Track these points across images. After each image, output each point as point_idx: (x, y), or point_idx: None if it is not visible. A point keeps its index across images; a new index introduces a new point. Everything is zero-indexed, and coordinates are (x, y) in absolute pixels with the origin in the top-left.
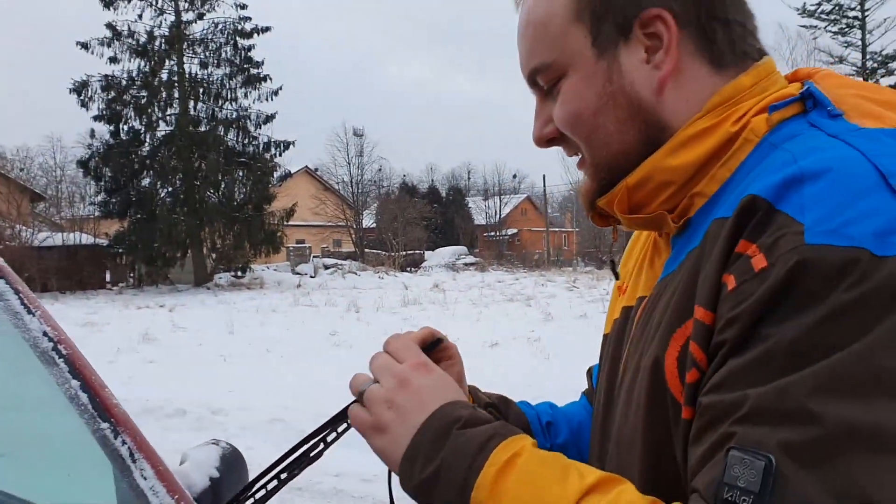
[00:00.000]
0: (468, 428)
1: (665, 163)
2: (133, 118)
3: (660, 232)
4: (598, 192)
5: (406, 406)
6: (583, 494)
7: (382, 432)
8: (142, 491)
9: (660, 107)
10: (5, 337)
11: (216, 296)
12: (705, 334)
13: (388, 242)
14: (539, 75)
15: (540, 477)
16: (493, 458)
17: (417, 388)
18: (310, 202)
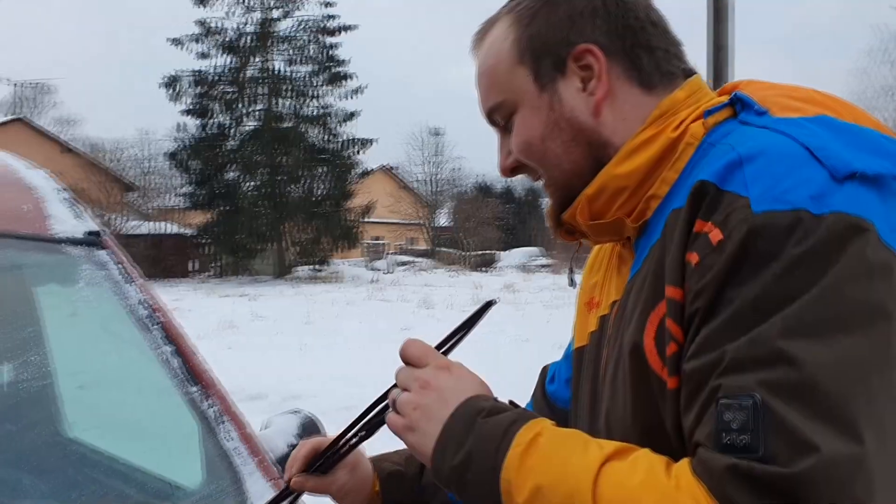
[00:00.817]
0: (491, 416)
1: (617, 171)
2: (220, 113)
3: (622, 242)
4: (560, 208)
5: (431, 405)
6: (604, 461)
7: (413, 431)
8: (226, 452)
9: (599, 128)
10: (107, 303)
11: (294, 287)
12: (678, 309)
13: (461, 241)
14: (495, 114)
15: (562, 450)
16: (517, 440)
17: (439, 387)
18: (386, 200)
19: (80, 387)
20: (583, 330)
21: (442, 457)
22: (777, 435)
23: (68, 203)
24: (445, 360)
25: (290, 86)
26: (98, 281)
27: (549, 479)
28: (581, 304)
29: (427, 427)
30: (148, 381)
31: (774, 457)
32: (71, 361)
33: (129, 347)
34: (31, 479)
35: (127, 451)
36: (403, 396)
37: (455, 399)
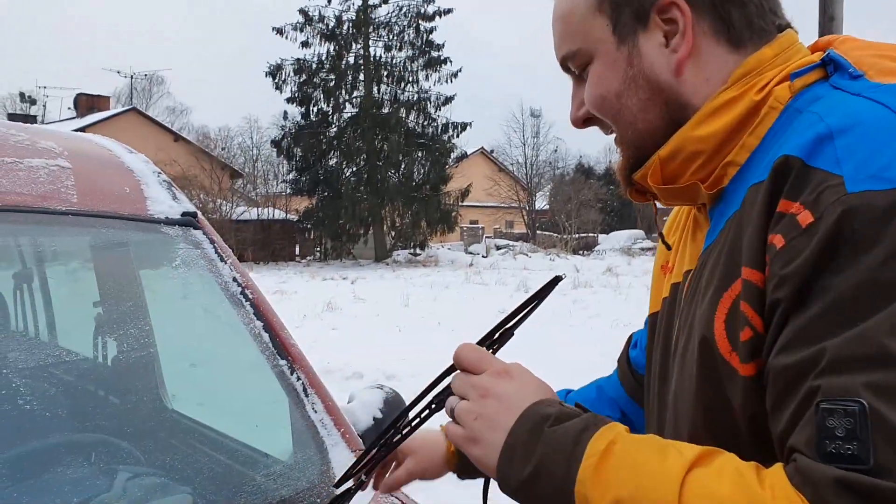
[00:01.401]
0: (559, 424)
1: (694, 133)
2: (321, 100)
3: (698, 207)
4: (631, 168)
5: (492, 414)
6: (687, 470)
7: (476, 442)
8: (312, 423)
9: (680, 87)
10: (202, 280)
11: (394, 271)
12: (756, 294)
13: (560, 225)
14: (569, 62)
15: (640, 460)
16: (590, 449)
17: (499, 394)
18: (484, 183)
19: (179, 360)
20: (657, 295)
21: (509, 468)
22: (890, 445)
23: (166, 185)
24: (503, 365)
25: (387, 71)
26: (194, 259)
27: (629, 491)
28: (657, 267)
29: (490, 437)
30: (241, 355)
31: (887, 471)
32: (170, 336)
33: (222, 322)
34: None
35: (222, 421)
36: (462, 405)
37: (518, 406)
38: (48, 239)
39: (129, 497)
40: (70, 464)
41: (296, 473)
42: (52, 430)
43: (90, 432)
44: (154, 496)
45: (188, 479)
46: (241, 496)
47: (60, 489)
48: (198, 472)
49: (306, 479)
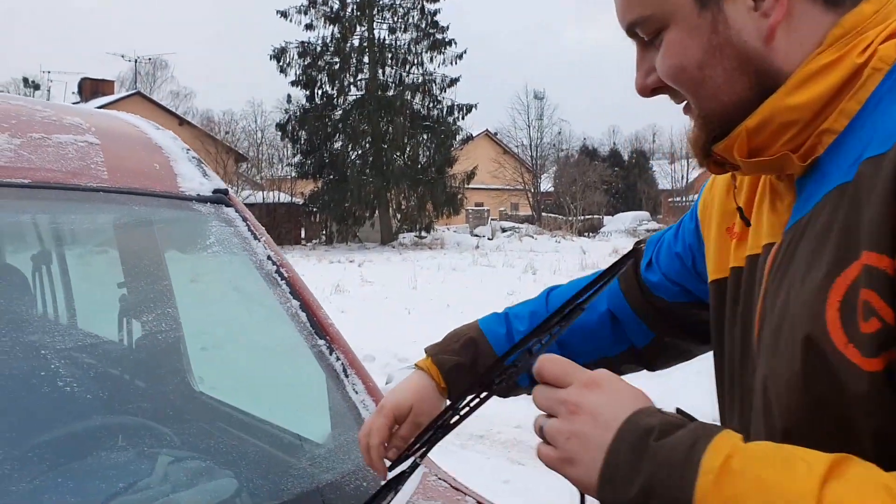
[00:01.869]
0: (664, 437)
1: (786, 102)
2: (326, 83)
3: (779, 175)
4: (710, 138)
5: (586, 432)
6: (822, 486)
7: (572, 463)
8: (353, 404)
9: (770, 54)
10: (236, 258)
11: (400, 254)
12: (886, 283)
13: (565, 206)
14: (638, 27)
15: (764, 475)
16: (704, 465)
17: (592, 409)
18: (489, 165)
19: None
20: (722, 260)
21: (611, 489)
22: None
23: (195, 162)
24: (591, 375)
25: (392, 54)
26: (227, 237)
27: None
28: (713, 225)
29: (587, 457)
30: (277, 336)
31: None
32: (203, 316)
33: (258, 302)
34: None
35: (257, 404)
36: (552, 424)
37: (614, 420)
38: (79, 216)
39: (174, 481)
40: (109, 447)
41: (339, 456)
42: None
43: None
44: (198, 480)
45: (230, 463)
46: (286, 480)
47: (104, 473)
48: (242, 456)
49: (351, 461)
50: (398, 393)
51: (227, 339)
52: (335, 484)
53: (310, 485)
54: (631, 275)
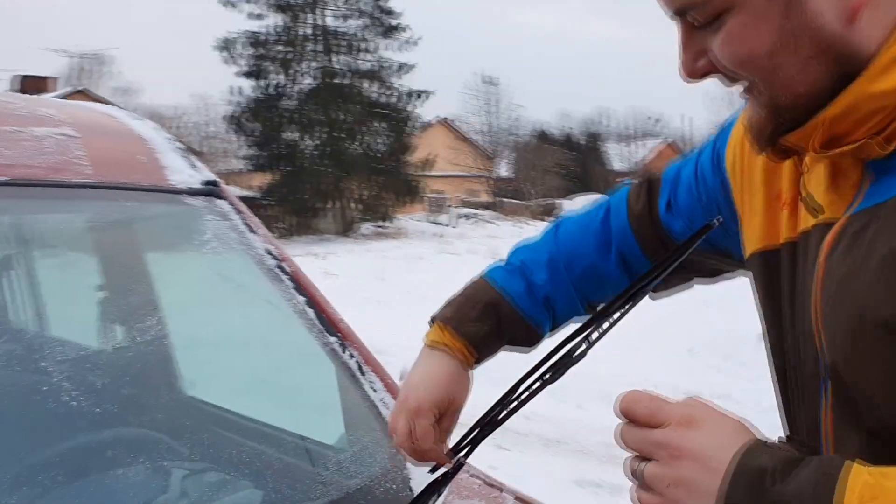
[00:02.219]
0: (785, 478)
1: (871, 89)
2: (276, 73)
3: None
4: (777, 127)
5: (692, 478)
6: None
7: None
8: (373, 403)
9: (851, 37)
10: (234, 254)
11: (362, 245)
12: None
13: (524, 191)
14: (692, 11)
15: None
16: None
17: (694, 452)
18: (446, 152)
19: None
20: (771, 230)
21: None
22: None
23: (181, 153)
24: (686, 412)
25: (343, 41)
26: (223, 231)
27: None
28: (757, 190)
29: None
30: (284, 334)
31: None
32: (204, 315)
33: (262, 300)
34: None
35: (268, 406)
36: (652, 472)
37: (720, 461)
38: (64, 215)
39: (194, 496)
40: (109, 463)
41: (365, 459)
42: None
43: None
44: (220, 494)
45: (248, 473)
46: (314, 487)
47: (114, 493)
48: (257, 465)
49: (377, 464)
50: (431, 385)
51: (228, 341)
52: (364, 490)
53: (339, 492)
54: (645, 214)
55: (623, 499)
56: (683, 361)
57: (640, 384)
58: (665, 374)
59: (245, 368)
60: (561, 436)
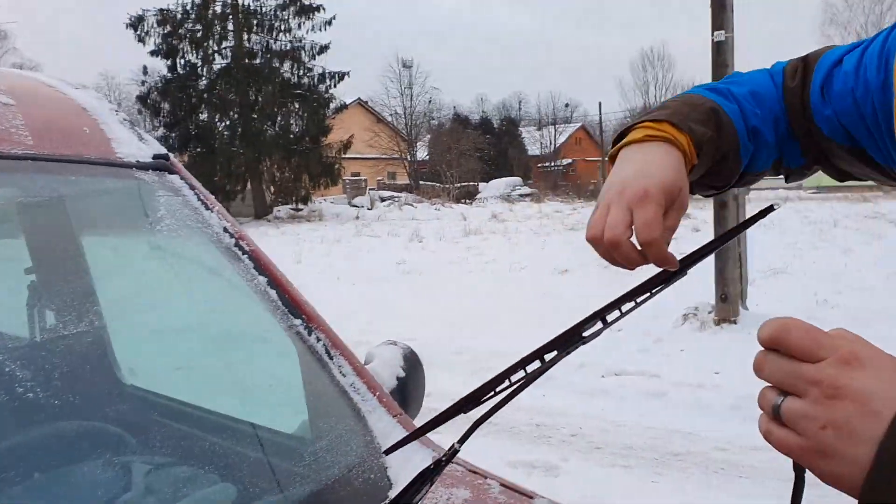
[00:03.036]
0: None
1: None
2: (189, 52)
3: None
4: None
5: (850, 421)
6: None
7: (826, 457)
8: (343, 388)
9: None
10: (190, 232)
11: (277, 228)
12: None
13: (442, 174)
14: None
15: None
16: None
17: (856, 394)
18: (364, 135)
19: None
20: None
21: (886, 491)
22: None
23: (128, 125)
24: (851, 349)
25: (258, 20)
26: (176, 208)
27: None
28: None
29: (850, 452)
30: (246, 317)
31: None
32: (157, 297)
33: (219, 279)
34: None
35: (229, 395)
36: (797, 408)
37: (886, 407)
38: (4, 189)
39: (160, 494)
40: (57, 459)
41: (340, 448)
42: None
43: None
44: (189, 490)
45: (215, 467)
46: (289, 479)
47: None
48: (229, 460)
49: (353, 453)
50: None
51: (183, 325)
52: (342, 481)
53: (313, 484)
54: (797, 94)
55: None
56: (608, 339)
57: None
58: (594, 352)
59: (201, 354)
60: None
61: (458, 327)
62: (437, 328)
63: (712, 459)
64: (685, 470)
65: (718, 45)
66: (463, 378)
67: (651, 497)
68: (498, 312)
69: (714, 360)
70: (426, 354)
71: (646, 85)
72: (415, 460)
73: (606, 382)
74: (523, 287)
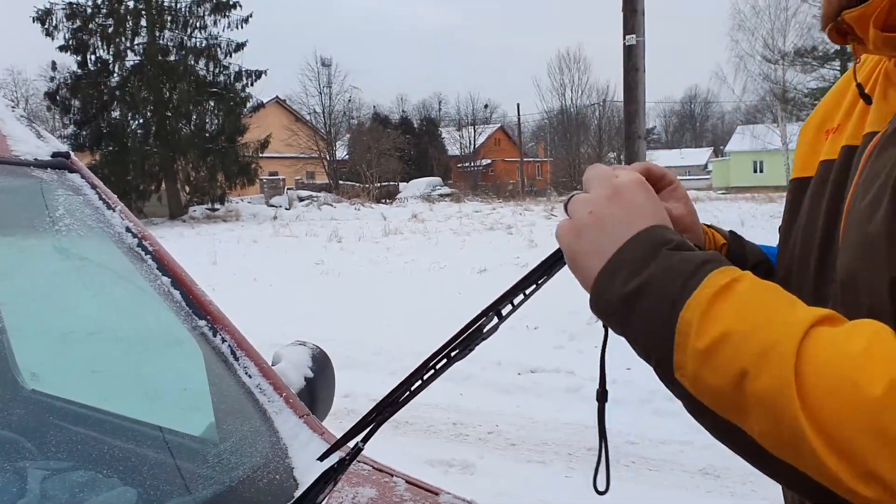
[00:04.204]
0: (680, 250)
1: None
2: (100, 47)
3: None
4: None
5: (611, 216)
6: (815, 322)
7: (580, 237)
8: (249, 389)
9: None
10: (90, 232)
11: (193, 228)
12: None
13: (362, 174)
14: None
15: (763, 302)
16: (708, 280)
17: (628, 201)
18: (282, 133)
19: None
20: (811, 157)
21: (610, 281)
22: None
23: (25, 122)
24: (643, 180)
25: (172, 16)
26: (76, 207)
27: (742, 326)
28: (810, 128)
29: (598, 239)
30: (148, 318)
31: None
32: (56, 300)
33: (122, 280)
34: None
35: (136, 399)
36: (580, 197)
37: (643, 220)
38: None
39: (56, 500)
40: None
41: (245, 449)
42: None
43: None
44: (88, 494)
45: (115, 470)
46: (193, 481)
47: None
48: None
49: (258, 454)
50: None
51: (84, 328)
52: (247, 482)
53: (217, 486)
54: None
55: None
56: (525, 337)
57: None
58: (511, 349)
59: (105, 357)
60: (409, 416)
61: (376, 327)
62: (356, 329)
63: (623, 453)
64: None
65: (630, 49)
66: (382, 377)
67: (564, 491)
68: (417, 311)
69: (625, 356)
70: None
71: (562, 87)
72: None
73: (522, 380)
74: (443, 286)
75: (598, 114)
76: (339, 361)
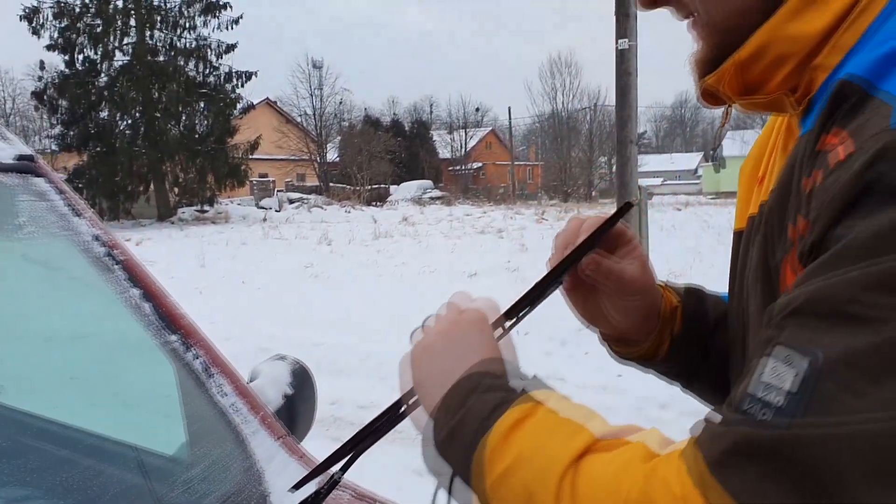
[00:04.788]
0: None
1: (785, 30)
2: (88, 47)
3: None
4: (709, 62)
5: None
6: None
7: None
8: (222, 409)
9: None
10: (55, 240)
11: (182, 230)
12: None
13: (352, 176)
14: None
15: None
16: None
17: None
18: (272, 135)
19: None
20: (744, 209)
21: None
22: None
23: None
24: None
25: (161, 16)
26: (41, 214)
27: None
28: (745, 174)
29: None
30: (116, 331)
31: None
32: (19, 312)
33: (88, 291)
34: None
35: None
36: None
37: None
38: None
39: None
40: None
41: (216, 474)
42: None
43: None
44: None
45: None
46: None
47: None
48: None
49: (231, 480)
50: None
51: (48, 341)
52: None
53: None
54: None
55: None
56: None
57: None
58: None
59: (68, 372)
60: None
61: (366, 332)
62: (345, 333)
63: None
64: None
65: (622, 53)
66: (371, 383)
67: None
68: (407, 315)
69: (616, 363)
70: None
71: (554, 91)
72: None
73: None
74: (433, 290)
75: (590, 118)
76: (327, 367)
